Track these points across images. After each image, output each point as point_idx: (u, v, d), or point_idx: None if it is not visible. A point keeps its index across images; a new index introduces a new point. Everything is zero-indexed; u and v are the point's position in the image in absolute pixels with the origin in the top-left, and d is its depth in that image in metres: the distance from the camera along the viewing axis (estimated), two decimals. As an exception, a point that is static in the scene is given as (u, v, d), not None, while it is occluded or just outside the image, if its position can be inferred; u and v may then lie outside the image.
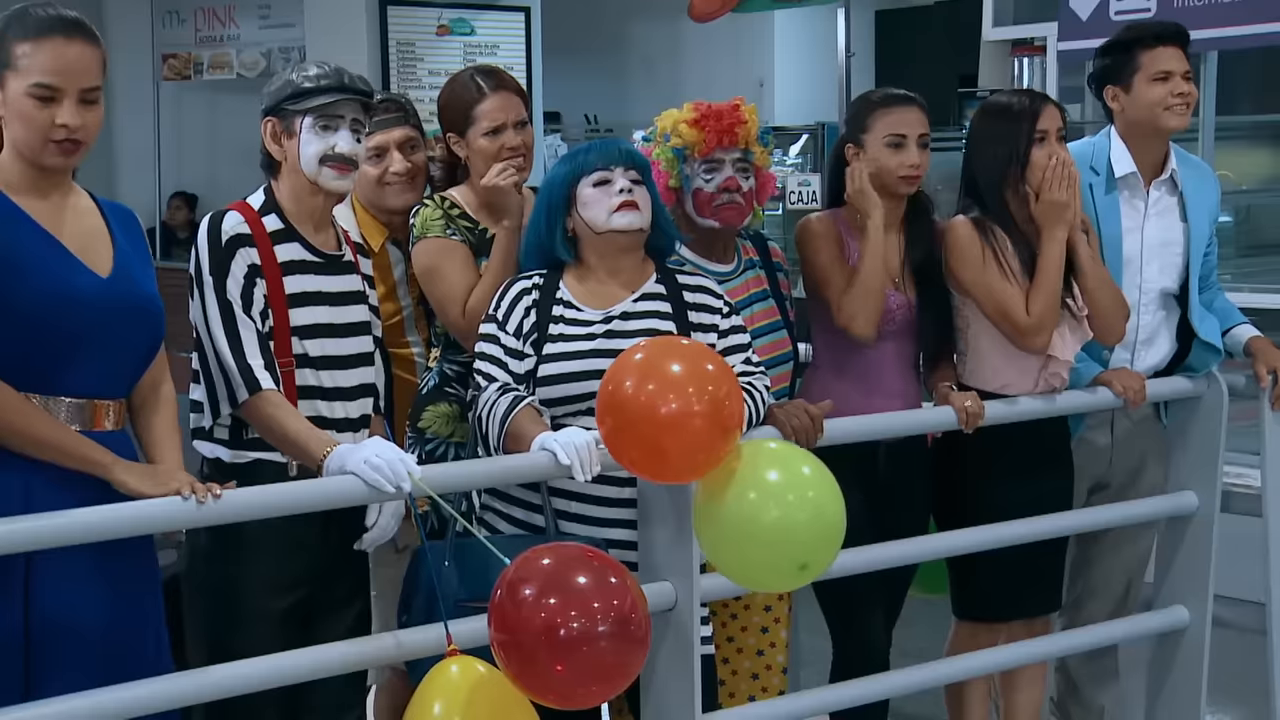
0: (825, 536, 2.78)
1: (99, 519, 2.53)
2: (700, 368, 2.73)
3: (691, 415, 2.67)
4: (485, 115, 3.47)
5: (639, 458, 2.78)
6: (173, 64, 10.60)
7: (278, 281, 2.98)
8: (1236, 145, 7.75)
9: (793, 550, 2.76)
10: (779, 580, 2.94)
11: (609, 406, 2.75)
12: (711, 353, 2.88)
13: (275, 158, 3.05)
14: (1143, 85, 3.75)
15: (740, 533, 2.77)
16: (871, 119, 3.56)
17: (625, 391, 2.70)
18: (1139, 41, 3.78)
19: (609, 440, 2.79)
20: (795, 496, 2.76)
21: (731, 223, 3.51)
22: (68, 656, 2.62)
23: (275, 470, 2.96)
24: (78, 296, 2.62)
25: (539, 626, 2.42)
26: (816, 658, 4.25)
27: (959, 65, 9.27)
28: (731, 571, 2.90)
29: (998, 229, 3.57)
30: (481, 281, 3.38)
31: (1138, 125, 3.78)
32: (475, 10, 8.85)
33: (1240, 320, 3.93)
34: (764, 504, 2.74)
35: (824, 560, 2.81)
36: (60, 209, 2.69)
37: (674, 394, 2.67)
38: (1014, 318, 3.53)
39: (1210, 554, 3.85)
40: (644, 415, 2.68)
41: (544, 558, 2.53)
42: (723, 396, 2.71)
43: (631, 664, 2.52)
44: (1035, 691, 3.87)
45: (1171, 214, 3.86)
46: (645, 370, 2.72)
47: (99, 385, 2.68)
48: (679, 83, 10.57)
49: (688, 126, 3.47)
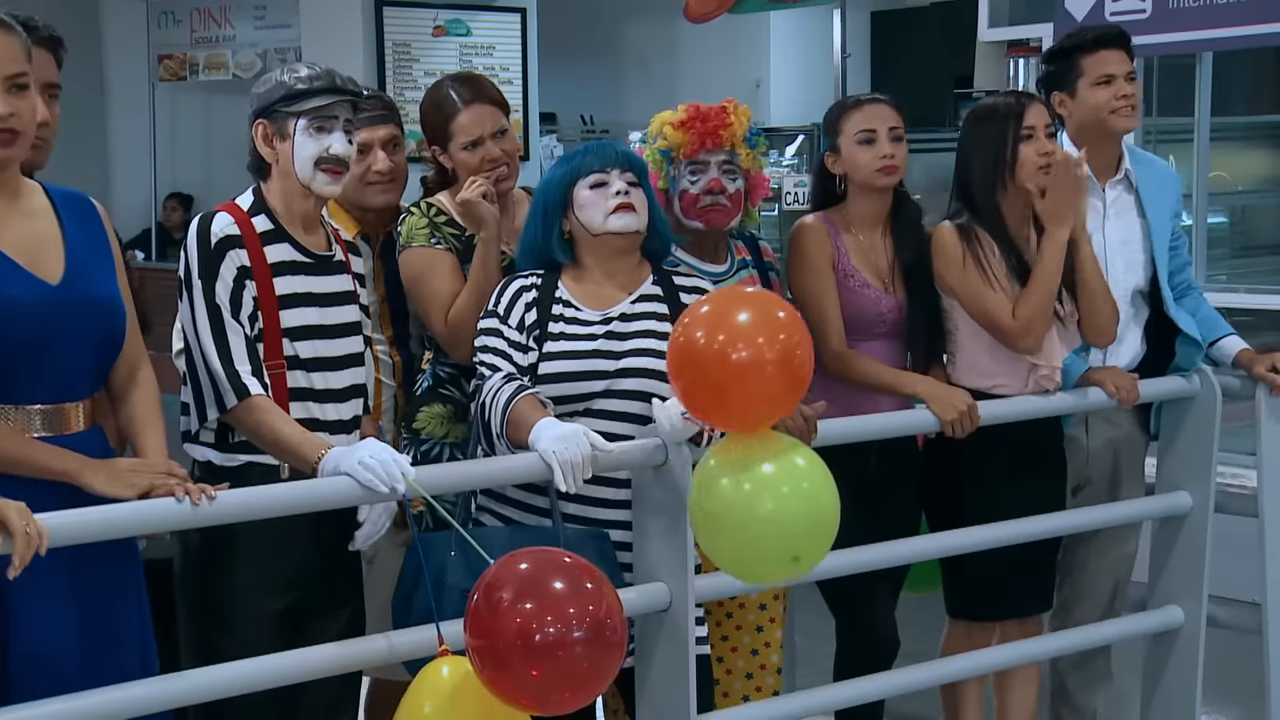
0: (819, 529, 2.78)
1: (89, 521, 2.50)
2: (771, 315, 2.73)
3: (763, 362, 2.67)
4: (462, 130, 3.47)
5: (710, 403, 2.78)
6: (168, 65, 10.59)
7: (268, 283, 2.96)
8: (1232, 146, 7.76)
9: (786, 542, 2.76)
10: (771, 571, 2.94)
11: (682, 360, 2.75)
12: (781, 300, 2.88)
13: (266, 160, 3.03)
14: (1087, 90, 3.79)
15: (734, 524, 2.76)
16: (842, 122, 3.61)
17: (696, 342, 2.71)
18: (1079, 47, 3.83)
19: (684, 395, 2.80)
20: (790, 488, 2.75)
21: (716, 225, 3.52)
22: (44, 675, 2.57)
23: (265, 473, 2.95)
24: (17, 308, 2.55)
25: (514, 631, 2.41)
26: (811, 658, 4.26)
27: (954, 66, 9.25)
28: (725, 562, 2.90)
29: (983, 234, 3.59)
30: (464, 290, 3.38)
31: (1087, 129, 3.82)
32: (471, 11, 8.86)
33: (1227, 331, 3.94)
34: (758, 495, 2.74)
35: (817, 552, 2.81)
36: (7, 214, 2.62)
37: (743, 341, 2.67)
38: (1000, 323, 3.55)
39: (1204, 554, 3.86)
40: (715, 362, 2.68)
41: (521, 562, 2.52)
42: (794, 344, 2.71)
43: (606, 670, 2.50)
44: (1029, 691, 3.87)
45: (1130, 212, 3.90)
46: (714, 320, 2.72)
47: (63, 390, 2.64)
48: (675, 84, 10.56)
49: (673, 128, 3.49)
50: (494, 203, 3.39)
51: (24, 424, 2.60)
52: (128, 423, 2.79)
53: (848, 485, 3.50)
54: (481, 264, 3.37)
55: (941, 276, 3.60)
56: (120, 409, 2.79)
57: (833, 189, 3.67)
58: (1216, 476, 3.89)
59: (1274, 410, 3.86)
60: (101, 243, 2.75)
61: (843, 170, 3.62)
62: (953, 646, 3.81)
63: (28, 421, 2.60)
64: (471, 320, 3.29)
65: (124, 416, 2.79)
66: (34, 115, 2.60)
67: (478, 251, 3.38)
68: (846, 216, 3.65)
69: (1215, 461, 3.87)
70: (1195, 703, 3.89)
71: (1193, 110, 6.42)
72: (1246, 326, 4.88)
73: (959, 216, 3.63)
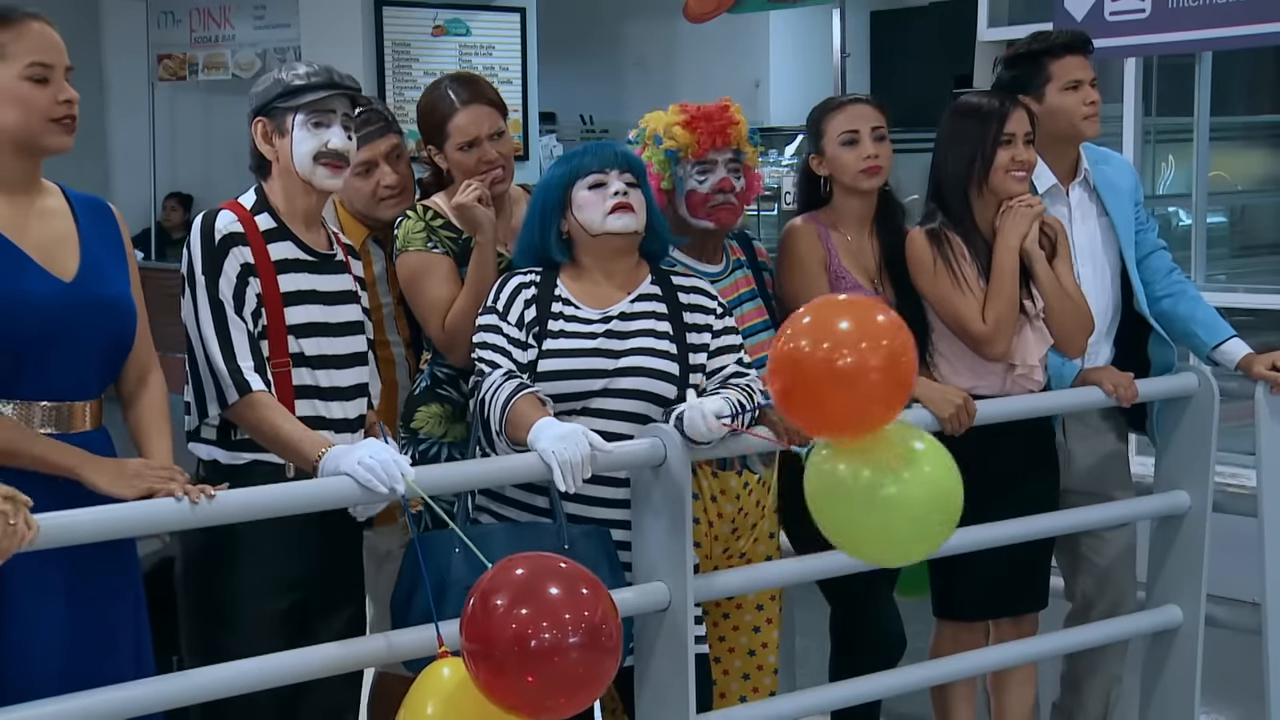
0: (947, 514, 2.79)
1: (84, 522, 2.49)
2: (872, 319, 2.72)
3: (868, 370, 2.66)
4: (458, 130, 3.46)
5: (812, 415, 2.77)
6: (168, 64, 10.60)
7: (272, 280, 2.97)
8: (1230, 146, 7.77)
9: (927, 526, 2.77)
10: (915, 548, 2.92)
11: (781, 365, 2.74)
12: (883, 305, 2.87)
13: (266, 158, 3.04)
14: (1056, 95, 3.78)
15: (886, 507, 2.74)
16: (824, 123, 3.61)
17: (802, 350, 2.69)
18: (1048, 51, 3.81)
19: (780, 399, 2.78)
20: (911, 473, 2.73)
21: (726, 223, 3.52)
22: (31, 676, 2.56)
23: (271, 471, 2.95)
24: (33, 303, 2.58)
25: (510, 637, 2.41)
26: (809, 658, 4.26)
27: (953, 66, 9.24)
28: (863, 547, 2.89)
29: (954, 238, 3.59)
30: (461, 294, 3.37)
31: (1054, 134, 3.78)
32: (471, 11, 8.86)
33: (1230, 334, 3.91)
34: (915, 482, 2.73)
35: (948, 529, 2.81)
36: (26, 212, 2.65)
37: (848, 348, 2.66)
38: (969, 328, 3.55)
39: (1203, 553, 3.86)
40: (820, 371, 2.66)
41: (517, 567, 2.51)
42: (898, 349, 2.70)
43: (601, 675, 2.50)
44: (1026, 691, 3.87)
45: (1092, 214, 3.89)
46: (818, 328, 2.71)
47: (71, 388, 2.66)
48: (674, 84, 10.57)
49: (680, 128, 3.48)
50: (489, 206, 3.39)
51: (30, 420, 2.61)
52: (135, 426, 2.80)
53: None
54: (478, 268, 3.36)
55: (915, 281, 3.61)
56: (128, 412, 2.80)
57: (818, 191, 3.67)
58: (1215, 476, 3.89)
59: (1272, 409, 3.86)
60: (117, 246, 2.78)
61: (827, 171, 3.62)
62: (940, 648, 3.80)
63: (33, 417, 2.62)
64: (469, 324, 3.29)
65: (131, 420, 2.80)
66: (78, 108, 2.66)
67: (474, 255, 3.38)
68: (834, 217, 3.65)
69: (1214, 461, 3.87)
70: (1194, 703, 3.89)
71: (1192, 110, 6.42)
72: (1246, 326, 4.89)
73: (931, 219, 3.63)
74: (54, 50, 2.63)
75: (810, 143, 3.68)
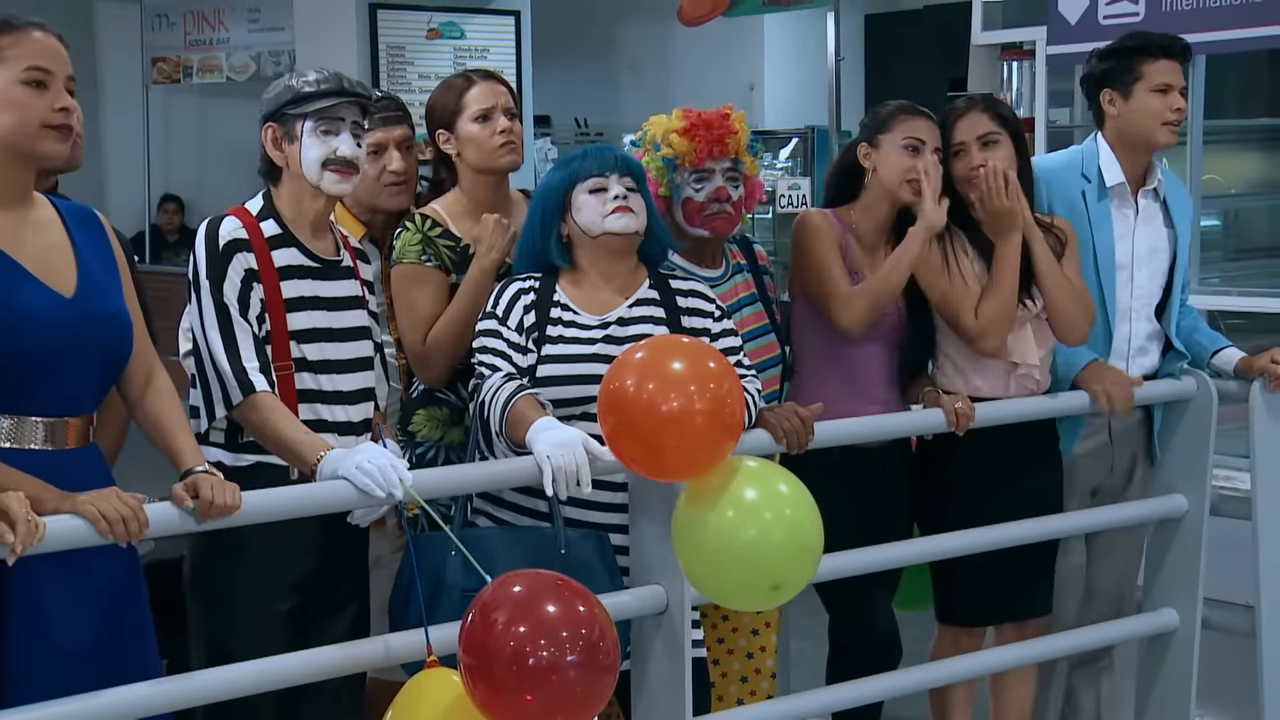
0: (802, 556, 2.77)
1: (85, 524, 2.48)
2: (703, 366, 2.72)
3: (693, 414, 2.67)
4: (474, 100, 3.48)
5: (640, 456, 2.78)
6: (162, 67, 10.58)
7: (275, 286, 2.98)
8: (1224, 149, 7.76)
9: (768, 570, 2.75)
10: (752, 599, 2.94)
11: (610, 405, 2.75)
12: (714, 350, 2.87)
13: (276, 163, 3.05)
14: (1143, 94, 3.74)
15: (717, 551, 2.76)
16: (894, 121, 3.56)
17: (627, 390, 2.70)
18: (1144, 50, 3.77)
19: (611, 439, 2.79)
20: (773, 515, 2.74)
21: (721, 232, 3.53)
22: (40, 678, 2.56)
23: (275, 474, 2.95)
24: (36, 319, 2.54)
25: (509, 654, 2.40)
26: (806, 660, 4.26)
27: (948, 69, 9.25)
28: (707, 589, 2.90)
29: (957, 232, 3.58)
30: (446, 313, 3.37)
31: (1130, 134, 3.78)
32: (465, 14, 8.85)
33: (1225, 344, 3.94)
34: (741, 522, 2.73)
35: (799, 580, 2.80)
36: (21, 224, 2.61)
37: (674, 392, 2.67)
38: (962, 321, 3.54)
39: (1199, 556, 3.86)
40: (646, 413, 2.68)
41: (516, 584, 2.50)
42: (724, 394, 2.71)
43: (599, 694, 2.49)
44: (1024, 692, 3.87)
45: (1157, 220, 3.87)
46: (646, 368, 2.72)
47: (66, 403, 2.62)
48: (669, 86, 10.57)
49: (678, 136, 3.48)
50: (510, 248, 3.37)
51: (27, 435, 2.58)
52: (154, 428, 2.76)
53: (852, 491, 3.53)
54: (471, 294, 3.34)
55: (915, 273, 3.58)
56: (140, 414, 2.77)
57: (848, 186, 3.64)
58: (1211, 480, 3.89)
59: (1267, 412, 3.86)
60: (108, 256, 2.75)
61: (872, 166, 3.58)
62: (941, 652, 3.80)
63: (30, 433, 2.59)
64: (449, 345, 3.30)
65: (148, 422, 2.76)
66: (80, 119, 2.65)
67: (471, 278, 3.36)
68: (853, 218, 3.63)
69: (1211, 464, 3.87)
70: (1190, 705, 3.90)
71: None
72: (1239, 329, 4.90)
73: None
74: (54, 58, 2.61)
75: (866, 133, 3.61)
